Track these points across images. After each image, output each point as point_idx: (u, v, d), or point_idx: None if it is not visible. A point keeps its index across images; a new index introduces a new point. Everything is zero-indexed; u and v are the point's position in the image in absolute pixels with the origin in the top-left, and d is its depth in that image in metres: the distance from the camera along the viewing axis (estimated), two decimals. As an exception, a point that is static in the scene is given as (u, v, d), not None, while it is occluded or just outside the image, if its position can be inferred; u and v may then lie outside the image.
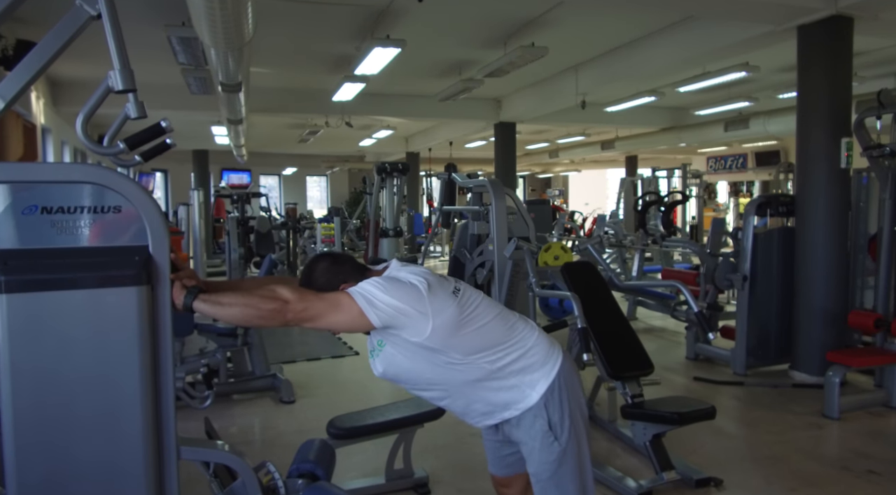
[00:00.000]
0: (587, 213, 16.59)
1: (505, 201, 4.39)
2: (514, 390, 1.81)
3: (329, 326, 1.67)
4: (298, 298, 1.60)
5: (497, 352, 1.78)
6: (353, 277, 1.77)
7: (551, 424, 1.81)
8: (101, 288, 1.45)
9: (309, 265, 1.85)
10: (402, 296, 1.65)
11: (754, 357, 5.15)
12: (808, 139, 4.96)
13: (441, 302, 1.69)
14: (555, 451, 1.82)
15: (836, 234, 4.86)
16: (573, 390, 1.88)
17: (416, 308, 1.65)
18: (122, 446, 1.48)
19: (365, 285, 1.66)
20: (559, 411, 1.82)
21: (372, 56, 6.15)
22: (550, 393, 1.82)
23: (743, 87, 8.98)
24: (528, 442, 1.85)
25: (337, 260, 1.85)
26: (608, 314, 3.49)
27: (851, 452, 3.63)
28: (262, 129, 13.56)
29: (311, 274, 1.80)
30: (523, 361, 1.82)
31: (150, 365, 1.49)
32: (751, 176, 18.51)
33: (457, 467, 3.46)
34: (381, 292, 1.64)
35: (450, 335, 1.69)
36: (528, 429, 1.83)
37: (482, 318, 1.77)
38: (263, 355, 4.77)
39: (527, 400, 1.82)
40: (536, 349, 1.85)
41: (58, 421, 1.43)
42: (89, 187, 1.46)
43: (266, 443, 3.86)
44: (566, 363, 1.89)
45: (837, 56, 4.81)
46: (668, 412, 2.99)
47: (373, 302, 1.63)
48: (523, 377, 1.81)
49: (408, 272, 1.75)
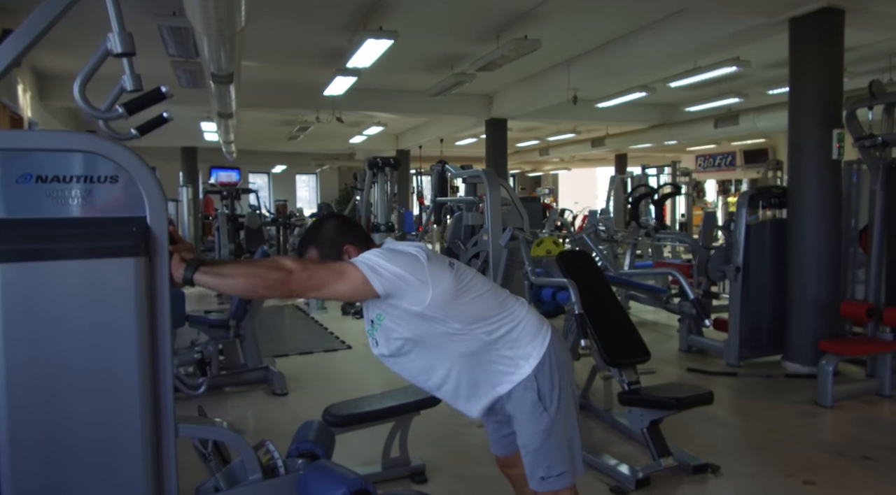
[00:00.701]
0: (577, 212, 16.64)
1: (499, 191, 4.39)
2: (507, 362, 1.83)
3: (333, 295, 1.68)
4: (302, 267, 1.60)
5: (492, 322, 1.80)
6: (357, 242, 1.81)
7: (541, 395, 1.82)
8: (98, 258, 1.41)
9: (318, 221, 1.88)
10: (403, 264, 1.68)
11: (747, 348, 5.16)
12: (799, 131, 4.98)
13: (439, 271, 1.72)
14: (543, 422, 1.82)
15: (828, 225, 4.89)
16: (563, 364, 1.89)
17: (416, 276, 1.67)
18: (119, 422, 1.44)
19: (367, 255, 1.69)
20: (549, 382, 1.83)
21: (364, 48, 6.12)
22: (541, 365, 1.83)
23: (733, 83, 9.03)
24: (518, 415, 1.86)
25: (346, 221, 1.89)
26: (604, 302, 3.48)
27: (846, 439, 3.65)
28: (252, 126, 13.48)
29: (319, 228, 1.84)
30: (516, 333, 1.84)
31: (148, 339, 1.46)
32: (739, 174, 18.65)
33: (454, 455, 3.44)
34: (384, 260, 1.67)
35: (448, 304, 1.71)
36: (519, 401, 1.84)
37: (476, 290, 1.80)
38: (256, 347, 4.72)
39: (519, 371, 1.83)
40: (527, 322, 1.87)
41: (52, 395, 1.39)
42: (85, 156, 1.43)
43: (260, 433, 3.81)
44: (556, 337, 1.91)
45: (829, 48, 4.84)
46: (665, 397, 2.98)
47: (376, 269, 1.64)
48: (517, 350, 1.83)
49: (405, 245, 1.78)
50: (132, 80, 1.58)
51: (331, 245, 1.79)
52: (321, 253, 1.80)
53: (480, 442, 3.61)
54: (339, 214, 1.93)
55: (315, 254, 1.80)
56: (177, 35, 5.08)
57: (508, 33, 6.57)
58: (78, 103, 1.41)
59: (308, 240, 1.84)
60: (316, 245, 1.81)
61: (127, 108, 1.44)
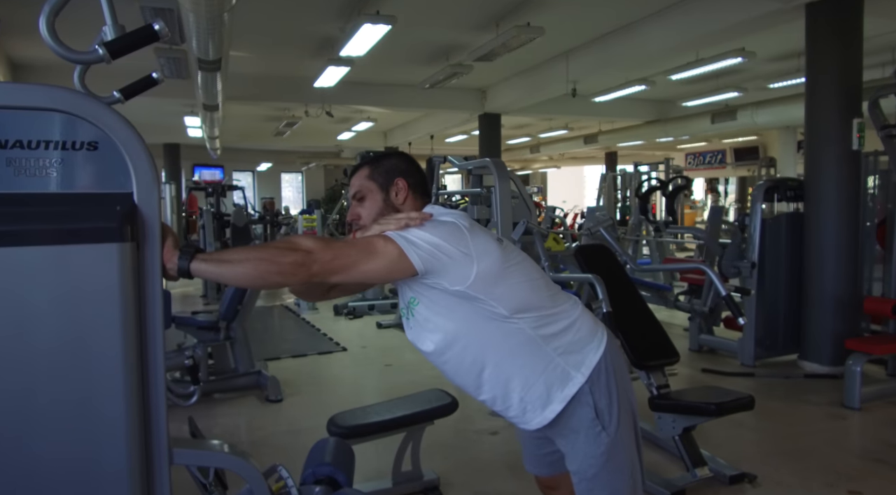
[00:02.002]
0: (567, 210, 16.45)
1: (509, 183, 4.12)
2: (556, 371, 1.52)
3: (364, 276, 1.39)
4: (324, 246, 1.31)
5: (542, 317, 1.52)
6: (413, 183, 1.58)
7: (598, 411, 1.53)
8: (73, 244, 1.13)
9: (386, 154, 1.68)
10: (442, 233, 1.41)
11: (762, 347, 4.96)
12: (817, 121, 4.78)
13: (484, 244, 1.45)
14: (602, 443, 1.53)
15: (847, 219, 4.68)
16: (621, 374, 1.60)
17: (458, 247, 1.40)
18: (100, 450, 1.16)
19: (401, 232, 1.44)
20: (606, 396, 1.54)
21: (360, 35, 5.82)
22: (597, 375, 1.54)
23: (733, 76, 8.86)
24: (570, 434, 1.57)
25: (413, 163, 1.64)
26: (629, 299, 3.23)
27: (882, 443, 3.43)
28: (237, 122, 13.11)
29: (383, 157, 1.64)
30: (568, 336, 1.55)
31: (136, 345, 1.17)
32: (729, 172, 18.60)
33: (468, 467, 3.18)
34: (419, 229, 1.41)
35: (494, 283, 1.44)
36: (571, 418, 1.54)
37: (526, 273, 1.53)
38: (248, 350, 4.42)
39: (571, 384, 1.53)
40: (581, 324, 1.58)
41: (15, 413, 1.10)
42: (58, 117, 1.14)
43: (255, 445, 3.51)
44: (612, 342, 1.62)
45: (847, 35, 4.64)
46: (703, 403, 2.73)
47: (412, 240, 1.38)
48: (567, 357, 1.53)
49: (444, 213, 1.53)
50: (113, 27, 1.29)
51: (386, 171, 1.57)
52: (372, 174, 1.58)
53: (495, 453, 3.36)
54: (409, 157, 1.69)
55: (365, 174, 1.58)
56: (161, 18, 4.74)
57: (508, 21, 6.31)
58: (46, 41, 1.12)
59: (364, 162, 1.63)
60: (371, 166, 1.60)
61: (109, 48, 1.15)
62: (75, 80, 1.41)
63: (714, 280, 3.33)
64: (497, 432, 3.61)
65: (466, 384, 1.57)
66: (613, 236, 3.62)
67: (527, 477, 3.06)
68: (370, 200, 1.55)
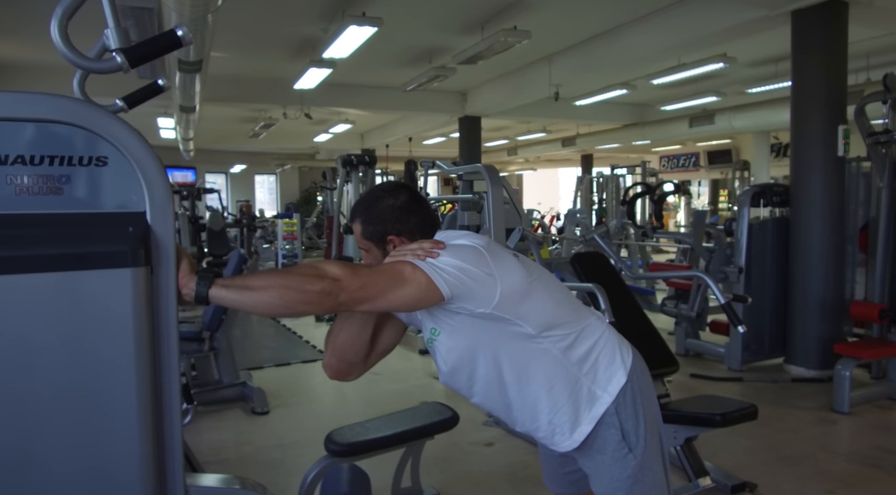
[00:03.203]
0: (544, 212, 16.49)
1: (501, 189, 4.07)
2: (583, 391, 1.48)
3: (391, 305, 1.34)
4: (351, 274, 1.24)
5: (567, 336, 1.47)
6: (409, 233, 1.48)
7: (624, 433, 1.48)
8: (81, 270, 1.03)
9: (383, 189, 1.55)
10: (464, 256, 1.36)
11: (749, 351, 4.99)
12: (803, 127, 4.83)
13: (505, 263, 1.40)
14: (629, 466, 1.48)
15: (832, 224, 4.74)
16: (648, 394, 1.56)
17: (482, 269, 1.35)
18: (114, 488, 1.06)
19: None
20: (633, 417, 1.49)
21: (345, 36, 5.71)
22: (623, 396, 1.49)
23: (712, 81, 8.95)
24: (595, 455, 1.51)
25: (415, 202, 1.52)
26: (627, 307, 3.20)
27: (875, 448, 3.46)
28: (212, 123, 12.85)
29: (379, 200, 1.50)
30: (594, 355, 1.50)
31: (151, 378, 1.08)
32: (703, 174, 18.85)
33: (466, 481, 3.11)
34: (444, 254, 1.35)
35: (519, 301, 1.39)
36: (596, 439, 1.50)
37: (548, 288, 1.48)
38: (232, 361, 4.29)
39: (598, 404, 1.48)
40: (606, 341, 1.53)
41: (22, 455, 1.00)
42: (61, 129, 1.04)
43: (243, 461, 3.39)
44: (638, 361, 1.57)
45: (833, 42, 4.70)
46: (709, 414, 2.71)
47: (438, 265, 1.33)
48: (593, 376, 1.48)
49: (457, 236, 1.46)
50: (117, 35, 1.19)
51: (376, 225, 1.49)
52: (364, 231, 1.51)
53: (493, 465, 3.29)
54: (411, 189, 1.58)
55: (359, 232, 1.52)
56: (139, 17, 4.58)
57: (494, 24, 6.27)
58: (58, 47, 1.02)
59: (357, 212, 1.52)
60: (363, 221, 1.51)
61: (128, 55, 1.06)
62: (75, 86, 1.31)
63: (713, 288, 3.32)
64: (492, 443, 3.55)
65: (495, 408, 1.52)
66: (608, 243, 3.58)
67: (526, 490, 3.02)
68: (371, 256, 1.52)
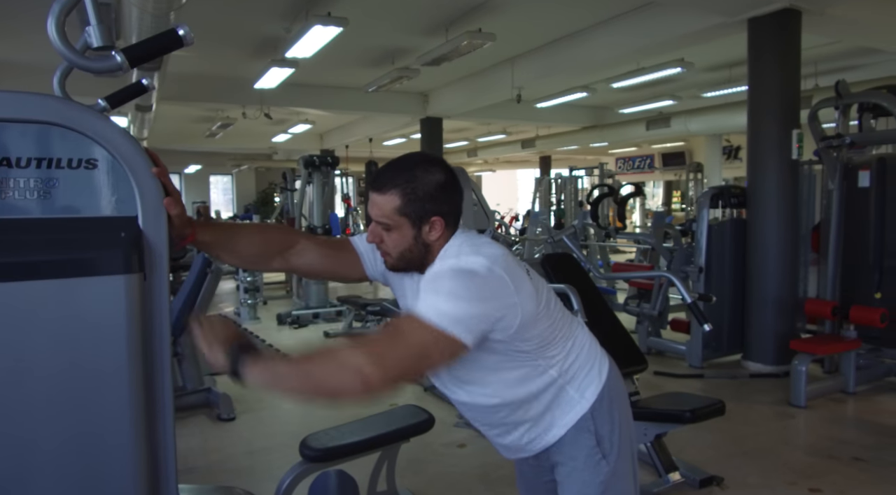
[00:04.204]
0: (503, 213, 16.63)
1: (471, 192, 4.08)
2: (563, 397, 1.47)
3: (423, 374, 1.35)
4: (374, 361, 1.16)
5: (559, 350, 1.44)
6: (450, 215, 1.36)
7: (599, 439, 1.48)
8: (72, 277, 0.99)
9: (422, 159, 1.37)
10: (486, 294, 1.25)
11: (709, 348, 5.14)
12: (759, 131, 5.00)
13: (524, 287, 1.31)
14: (602, 472, 1.47)
15: (787, 225, 4.92)
16: (622, 402, 1.56)
17: (505, 302, 1.27)
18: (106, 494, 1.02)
19: (436, 299, 1.23)
20: (608, 423, 1.48)
21: (309, 36, 5.64)
22: (599, 402, 1.48)
23: (669, 85, 9.18)
24: (568, 462, 1.50)
25: (457, 180, 1.38)
26: (597, 307, 3.25)
27: (831, 440, 3.60)
28: (168, 123, 12.52)
29: (425, 173, 1.33)
30: (578, 362, 1.49)
31: (145, 389, 1.04)
32: (657, 176, 19.33)
33: (441, 482, 3.11)
34: (461, 301, 1.22)
35: (531, 326, 1.34)
36: (570, 445, 1.49)
37: (550, 307, 1.42)
38: (196, 366, 4.18)
39: (574, 410, 1.47)
40: (589, 349, 1.53)
41: (15, 463, 0.96)
42: (48, 130, 1.00)
43: (212, 469, 3.32)
44: (614, 369, 1.58)
45: (787, 49, 4.88)
46: (679, 410, 2.78)
47: (461, 320, 1.20)
48: (574, 382, 1.47)
49: (473, 250, 1.33)
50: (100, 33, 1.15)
51: (422, 202, 1.31)
52: (404, 206, 1.32)
53: (467, 466, 3.30)
54: (447, 164, 1.40)
55: (395, 205, 1.32)
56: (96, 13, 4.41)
57: (458, 26, 6.29)
58: (56, 46, 0.98)
59: (395, 178, 1.33)
60: (404, 193, 1.32)
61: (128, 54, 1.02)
62: (55, 84, 1.25)
63: (680, 288, 3.41)
64: (465, 445, 3.56)
65: (479, 422, 1.53)
66: (576, 244, 3.63)
67: (501, 490, 3.04)
68: (398, 234, 1.35)
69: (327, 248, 1.53)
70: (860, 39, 6.20)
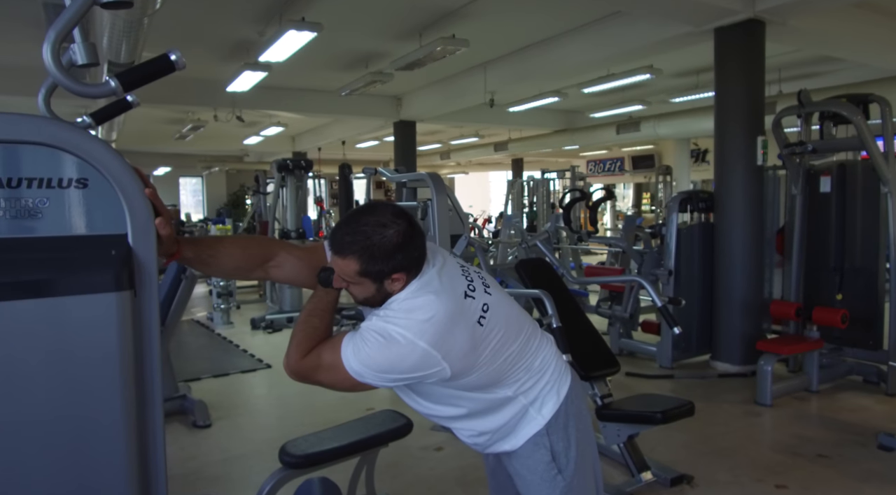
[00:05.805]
0: (476, 215, 16.72)
1: (446, 197, 4.13)
2: (522, 412, 1.54)
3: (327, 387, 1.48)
4: (301, 353, 1.47)
5: (518, 380, 1.53)
6: (409, 275, 1.40)
7: (554, 454, 1.54)
8: (63, 296, 1.00)
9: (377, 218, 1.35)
10: (402, 366, 1.37)
11: (679, 349, 5.26)
12: (725, 138, 5.14)
13: (458, 352, 1.38)
14: (558, 487, 1.54)
15: (752, 228, 5.07)
16: (582, 419, 1.61)
17: (431, 370, 1.38)
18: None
19: (360, 347, 1.38)
20: (564, 440, 1.55)
21: (283, 41, 5.63)
22: (555, 419, 1.54)
23: (638, 91, 9.36)
24: (526, 475, 1.57)
25: (418, 229, 1.39)
26: (570, 311, 3.32)
27: (795, 437, 3.73)
28: (137, 124, 12.30)
29: (381, 229, 1.34)
30: (540, 385, 1.55)
31: (135, 408, 1.06)
32: (627, 178, 19.63)
33: (419, 485, 3.14)
34: (371, 370, 1.38)
35: (469, 373, 1.44)
36: (527, 459, 1.56)
37: (504, 349, 1.47)
38: (171, 373, 4.15)
39: (531, 424, 1.54)
40: (554, 370, 1.58)
41: (3, 485, 0.97)
42: (43, 152, 1.01)
43: (189, 478, 3.30)
44: (576, 387, 1.63)
45: (752, 58, 5.03)
46: (650, 412, 2.86)
47: (363, 375, 1.39)
48: (534, 400, 1.54)
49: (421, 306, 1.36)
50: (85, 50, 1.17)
51: (382, 262, 1.34)
52: (365, 270, 1.35)
53: (444, 468, 3.34)
54: (407, 214, 1.39)
55: (355, 269, 1.35)
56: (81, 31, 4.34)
57: (432, 32, 6.34)
58: (52, 72, 0.99)
59: (355, 240, 1.34)
60: (363, 258, 1.34)
61: (121, 79, 1.04)
62: (40, 102, 1.26)
63: (650, 292, 3.50)
64: (442, 447, 3.59)
65: (440, 420, 1.62)
66: (549, 248, 3.70)
67: (478, 492, 3.09)
68: (362, 287, 1.41)
69: (305, 260, 1.57)
70: (821, 48, 6.41)
